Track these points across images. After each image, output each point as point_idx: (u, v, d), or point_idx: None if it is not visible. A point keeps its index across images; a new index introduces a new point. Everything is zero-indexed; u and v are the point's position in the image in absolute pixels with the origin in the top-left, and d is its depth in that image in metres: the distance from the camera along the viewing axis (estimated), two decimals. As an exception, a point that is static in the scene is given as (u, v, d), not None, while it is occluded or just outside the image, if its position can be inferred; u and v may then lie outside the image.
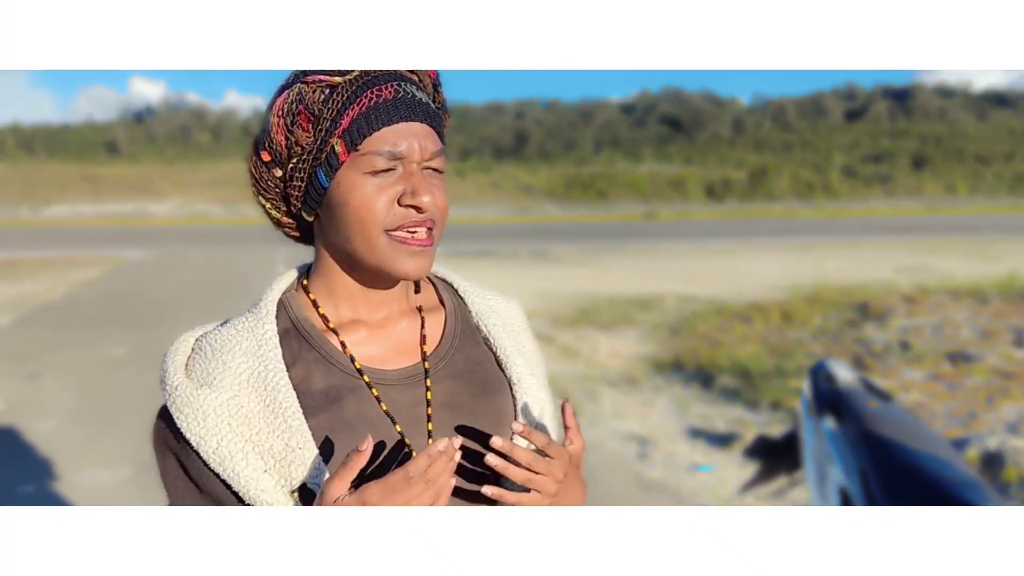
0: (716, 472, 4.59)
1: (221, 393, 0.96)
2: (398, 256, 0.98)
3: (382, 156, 0.96)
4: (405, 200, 0.96)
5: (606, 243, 21.09)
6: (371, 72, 0.99)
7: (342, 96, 0.97)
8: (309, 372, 1.00)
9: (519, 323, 1.18)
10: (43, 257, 17.51)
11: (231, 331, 1.01)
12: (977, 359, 7.08)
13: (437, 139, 1.00)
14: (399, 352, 1.05)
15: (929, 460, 2.21)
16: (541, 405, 1.10)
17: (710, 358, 7.36)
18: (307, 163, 1.00)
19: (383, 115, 0.96)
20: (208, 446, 0.95)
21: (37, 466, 4.76)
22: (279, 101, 1.00)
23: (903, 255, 17.10)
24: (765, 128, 62.53)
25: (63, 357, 7.70)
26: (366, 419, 0.99)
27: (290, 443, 0.95)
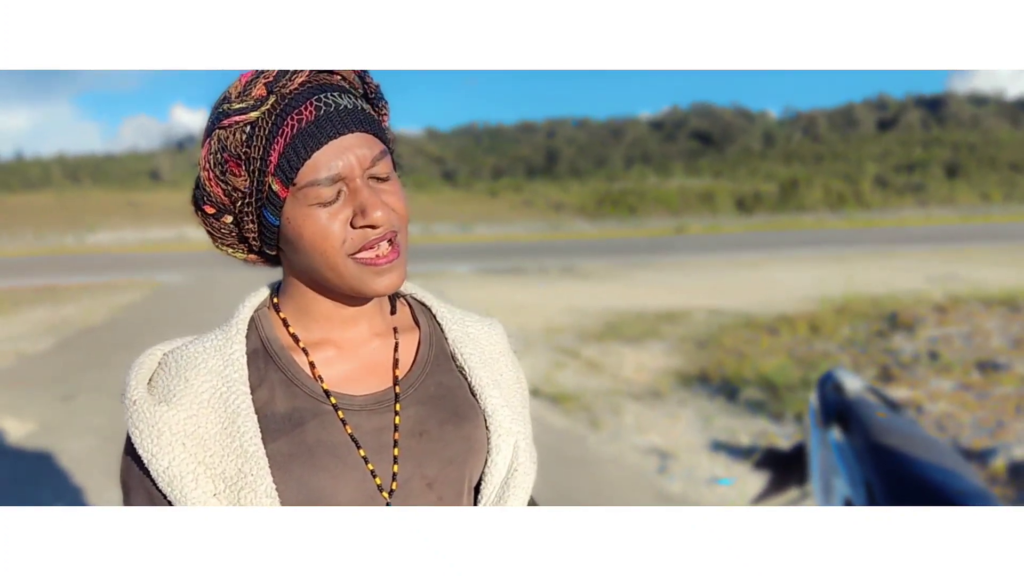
0: (736, 485, 4.58)
1: (179, 411, 0.94)
2: (367, 278, 0.95)
3: (322, 185, 0.92)
4: (357, 222, 0.93)
5: (636, 258, 21.02)
6: (286, 94, 0.94)
7: (264, 130, 0.93)
8: (273, 394, 0.97)
9: (499, 349, 1.14)
10: (86, 282, 17.77)
11: (199, 348, 0.99)
12: (1007, 368, 6.98)
13: (375, 142, 0.96)
14: (369, 374, 1.03)
15: (936, 471, 2.17)
16: (515, 437, 1.07)
17: (736, 371, 7.32)
18: (251, 205, 0.97)
19: (309, 140, 0.92)
20: (159, 464, 0.92)
21: (64, 485, 4.83)
22: (203, 152, 0.97)
23: (935, 264, 16.85)
24: (795, 140, 62.03)
25: (98, 379, 7.79)
26: (328, 444, 0.96)
27: (243, 468, 0.92)
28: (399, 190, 0.98)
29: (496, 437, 1.05)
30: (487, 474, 1.05)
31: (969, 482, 2.19)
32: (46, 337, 10.44)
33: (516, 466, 1.07)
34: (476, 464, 1.05)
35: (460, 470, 1.03)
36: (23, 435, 5.91)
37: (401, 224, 0.97)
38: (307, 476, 0.94)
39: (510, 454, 1.07)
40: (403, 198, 0.98)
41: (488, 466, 1.05)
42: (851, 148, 57.28)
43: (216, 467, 0.92)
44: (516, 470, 1.07)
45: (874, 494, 2.19)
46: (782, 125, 67.84)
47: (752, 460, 4.78)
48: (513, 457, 1.07)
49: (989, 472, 4.70)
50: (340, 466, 0.95)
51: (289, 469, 0.93)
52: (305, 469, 0.94)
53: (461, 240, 6.14)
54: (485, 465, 1.06)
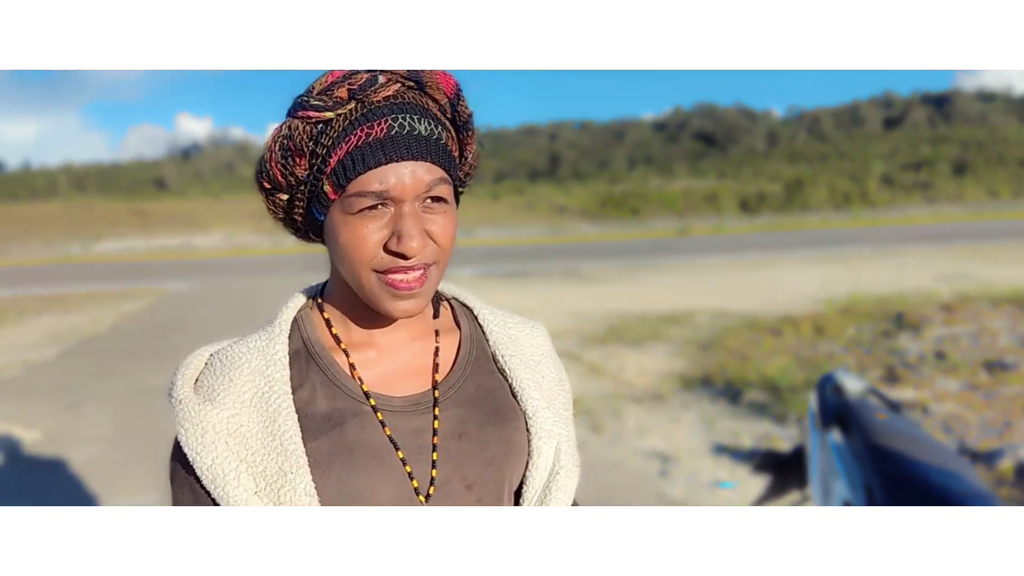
0: (738, 489, 4.54)
1: (223, 410, 0.96)
2: (384, 297, 0.96)
3: (368, 198, 0.93)
4: (391, 245, 0.93)
5: (639, 260, 20.98)
6: (369, 103, 0.94)
7: (333, 132, 0.94)
8: (314, 394, 0.99)
9: (541, 351, 1.15)
10: (91, 291, 17.83)
11: (243, 348, 1.01)
12: (1015, 368, 6.91)
13: (437, 171, 0.95)
14: (409, 376, 1.04)
15: (936, 473, 2.13)
16: (557, 440, 1.07)
17: (739, 373, 7.27)
18: (303, 195, 0.99)
19: (370, 156, 0.92)
20: (203, 462, 0.94)
21: (68, 494, 4.81)
22: (274, 133, 0.99)
23: (943, 263, 16.77)
24: (800, 140, 61.89)
25: (103, 387, 7.79)
26: (367, 445, 0.97)
27: (283, 467, 0.93)
28: (449, 221, 0.97)
29: (537, 439, 1.05)
30: (528, 477, 1.05)
31: (970, 483, 2.15)
32: (52, 346, 10.46)
33: (558, 468, 1.06)
34: (516, 466, 1.05)
35: (500, 472, 1.02)
36: (29, 443, 5.90)
37: (439, 256, 0.97)
38: (346, 476, 0.95)
39: (552, 456, 1.06)
40: (451, 229, 0.97)
41: (529, 468, 1.05)
42: (857, 147, 57.12)
43: (257, 465, 0.94)
44: (558, 473, 1.06)
45: (873, 496, 2.16)
46: (786, 124, 67.71)
47: (753, 463, 4.74)
48: (555, 460, 1.07)
49: (996, 473, 4.64)
50: (379, 467, 0.96)
51: (329, 468, 0.95)
52: (344, 469, 0.95)
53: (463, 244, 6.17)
54: (527, 468, 1.06)
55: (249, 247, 36.73)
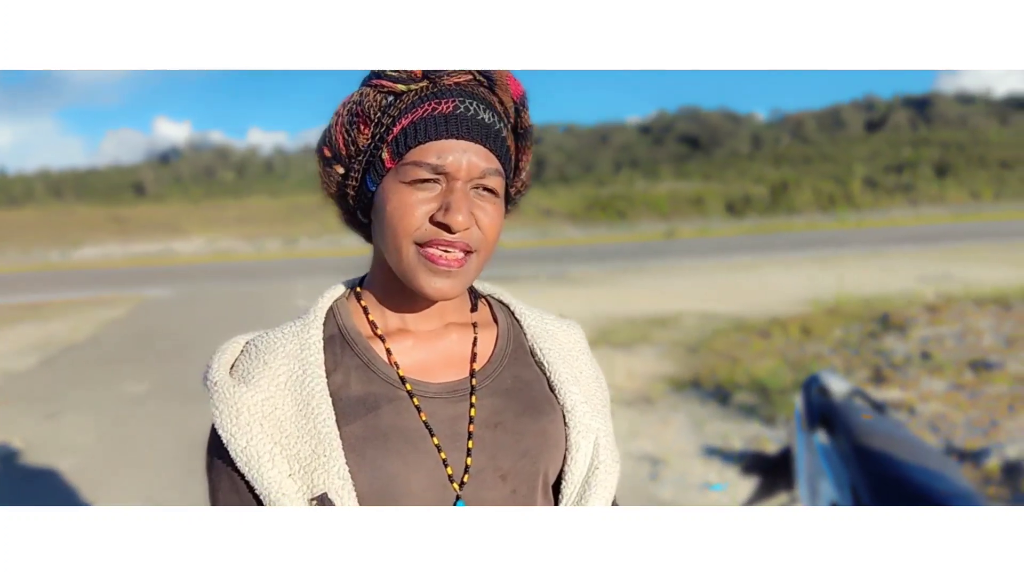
0: (728, 490, 4.52)
1: (257, 393, 0.96)
2: (421, 272, 0.96)
3: (424, 169, 0.94)
4: (437, 216, 0.94)
5: (626, 263, 21.00)
6: (441, 84, 0.97)
7: (402, 105, 0.96)
8: (348, 379, 0.99)
9: (578, 348, 1.15)
10: (70, 299, 17.67)
11: (278, 334, 1.02)
12: (1000, 367, 6.94)
13: (493, 159, 0.97)
14: (445, 365, 1.04)
15: (921, 472, 2.15)
16: (595, 435, 1.07)
17: (728, 375, 7.28)
18: (361, 165, 1.00)
19: (432, 128, 0.94)
20: (237, 444, 0.94)
21: (50, 504, 4.78)
22: (345, 100, 1.00)
23: (927, 264, 16.86)
24: (784, 142, 62.18)
25: (83, 396, 7.74)
26: (401, 430, 0.97)
27: (317, 449, 0.93)
28: (497, 214, 0.98)
29: (576, 434, 1.05)
30: (567, 472, 1.04)
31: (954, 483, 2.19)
32: (31, 354, 10.38)
33: (597, 464, 1.05)
34: (552, 459, 1.04)
35: (535, 464, 1.02)
36: (7, 454, 5.84)
37: (482, 244, 0.98)
38: (380, 460, 0.94)
39: (590, 451, 1.05)
40: (498, 222, 0.99)
41: (568, 463, 1.04)
42: (839, 149, 57.43)
43: (291, 448, 0.93)
44: (597, 468, 1.05)
45: (859, 497, 2.18)
46: (770, 127, 68.04)
47: (741, 465, 4.73)
48: (594, 455, 1.06)
49: (983, 472, 4.65)
50: (413, 452, 0.96)
51: (363, 452, 0.94)
52: (378, 453, 0.95)
53: None
54: (565, 462, 1.05)
55: (230, 253, 36.56)
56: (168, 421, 6.64)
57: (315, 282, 20.05)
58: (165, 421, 6.64)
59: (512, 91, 1.00)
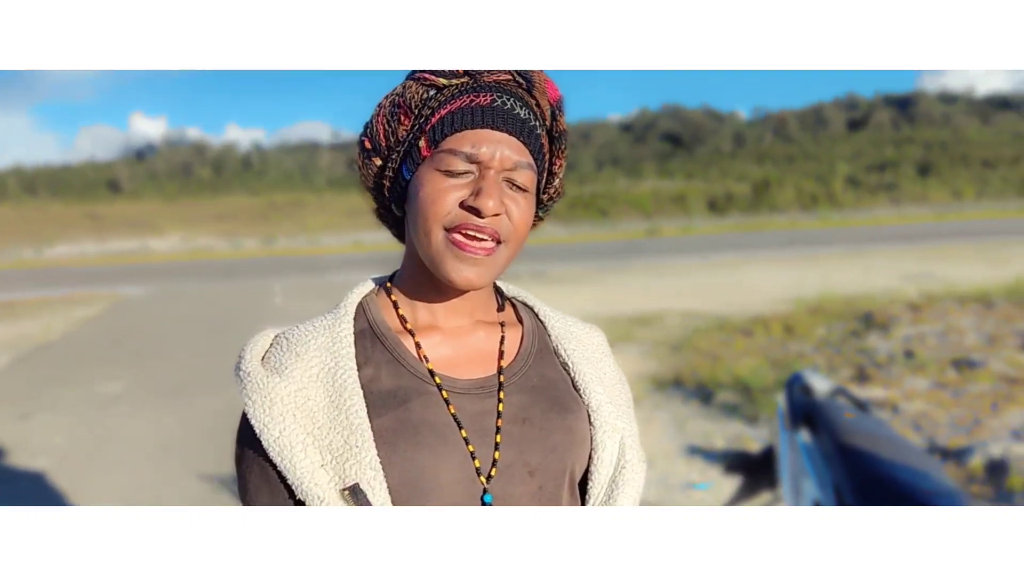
0: (712, 490, 4.47)
1: (290, 383, 0.97)
2: (448, 259, 0.97)
3: (458, 157, 0.96)
4: (467, 201, 0.96)
5: (608, 261, 20.99)
6: (481, 80, 0.99)
7: (442, 97, 0.99)
8: (379, 372, 1.00)
9: (601, 350, 1.16)
10: (43, 297, 17.50)
11: (309, 328, 1.03)
12: (982, 365, 6.94)
13: (526, 153, 0.99)
14: (472, 361, 1.05)
15: (904, 471, 2.13)
16: (621, 435, 1.07)
17: (710, 374, 7.25)
18: (398, 155, 1.02)
19: (468, 117, 0.97)
20: (270, 434, 0.95)
21: (21, 504, 4.68)
22: (388, 93, 1.03)
23: (909, 263, 16.94)
24: (766, 141, 62.46)
25: (57, 396, 7.65)
26: (431, 424, 0.98)
27: (349, 440, 0.94)
28: (528, 208, 1.00)
29: (601, 433, 1.06)
30: (594, 471, 1.05)
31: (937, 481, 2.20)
32: (3, 354, 10.27)
33: (624, 463, 1.07)
34: (579, 457, 1.05)
35: (562, 460, 1.03)
36: (-21, 456, 5.75)
37: (512, 236, 0.99)
38: (411, 452, 0.95)
39: (616, 451, 1.07)
40: (527, 217, 1.00)
41: (594, 463, 1.05)
42: (822, 148, 57.77)
43: (324, 439, 0.95)
44: (624, 467, 1.07)
45: (842, 496, 2.17)
46: (752, 126, 68.30)
47: (724, 465, 4.68)
48: (620, 454, 1.07)
49: (967, 471, 4.63)
50: (443, 445, 0.97)
51: (394, 444, 0.95)
52: (409, 445, 0.96)
53: None
54: (591, 462, 1.06)
55: (207, 251, 36.31)
56: (143, 421, 6.56)
57: (293, 281, 20.00)
58: (140, 421, 6.56)
59: (549, 94, 1.03)
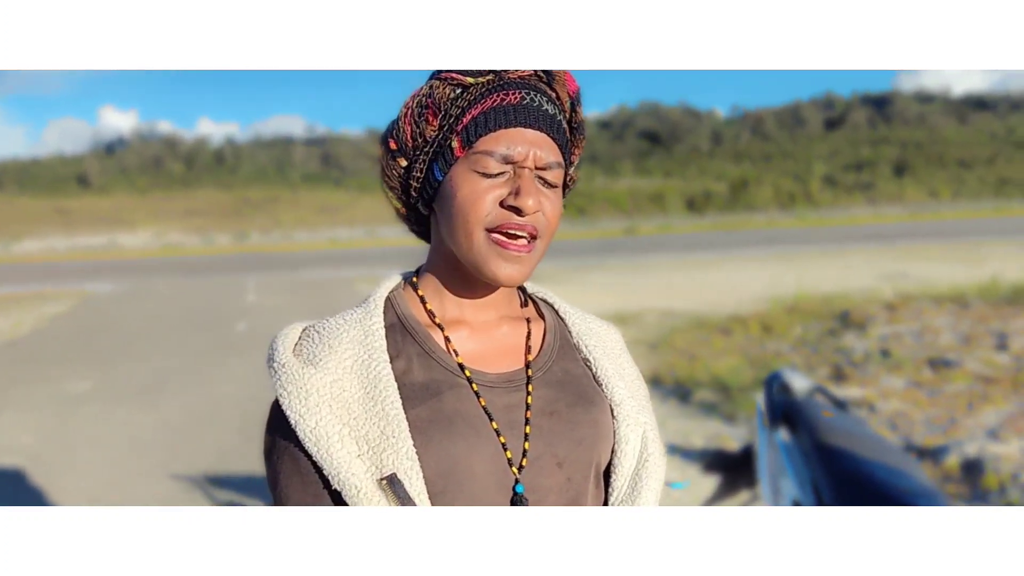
0: (690, 489, 4.44)
1: (326, 375, 0.97)
2: (492, 258, 0.99)
3: (494, 158, 0.97)
4: (508, 201, 0.98)
5: (586, 260, 20.99)
6: (506, 77, 1.01)
7: (471, 96, 1.00)
8: (411, 365, 1.01)
9: (619, 347, 1.18)
10: (11, 293, 17.30)
11: (340, 321, 1.03)
12: (958, 365, 6.96)
13: (556, 151, 1.01)
14: (499, 355, 1.06)
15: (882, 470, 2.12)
16: (643, 428, 1.09)
17: (688, 373, 7.24)
18: (427, 155, 1.02)
19: (502, 117, 0.98)
20: (306, 424, 0.95)
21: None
22: (414, 93, 1.03)
23: (886, 262, 17.06)
24: (744, 139, 62.75)
25: (24, 394, 7.55)
26: (464, 415, 0.99)
27: (385, 431, 0.95)
28: (559, 203, 1.03)
29: (624, 427, 1.07)
30: (617, 465, 1.07)
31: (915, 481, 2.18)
32: (-29, 352, 10.06)
33: (647, 456, 1.08)
34: (604, 449, 1.06)
35: (589, 453, 1.04)
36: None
37: (546, 231, 1.01)
38: (446, 443, 0.96)
39: (639, 444, 1.08)
40: (559, 211, 1.03)
41: (618, 456, 1.07)
42: (799, 147, 58.15)
43: (360, 429, 0.96)
44: (647, 460, 1.08)
45: (821, 494, 2.17)
46: (730, 124, 68.61)
47: (703, 464, 4.66)
48: (642, 447, 1.08)
49: (943, 470, 4.63)
50: (476, 437, 0.98)
51: (429, 435, 0.96)
52: (444, 436, 0.96)
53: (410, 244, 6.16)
54: (614, 455, 1.07)
55: (178, 246, 35.98)
56: (112, 420, 6.47)
57: (266, 278, 19.86)
58: (109, 420, 6.47)
59: (569, 87, 1.05)
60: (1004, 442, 4.90)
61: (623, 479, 1.07)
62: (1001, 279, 11.67)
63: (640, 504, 1.05)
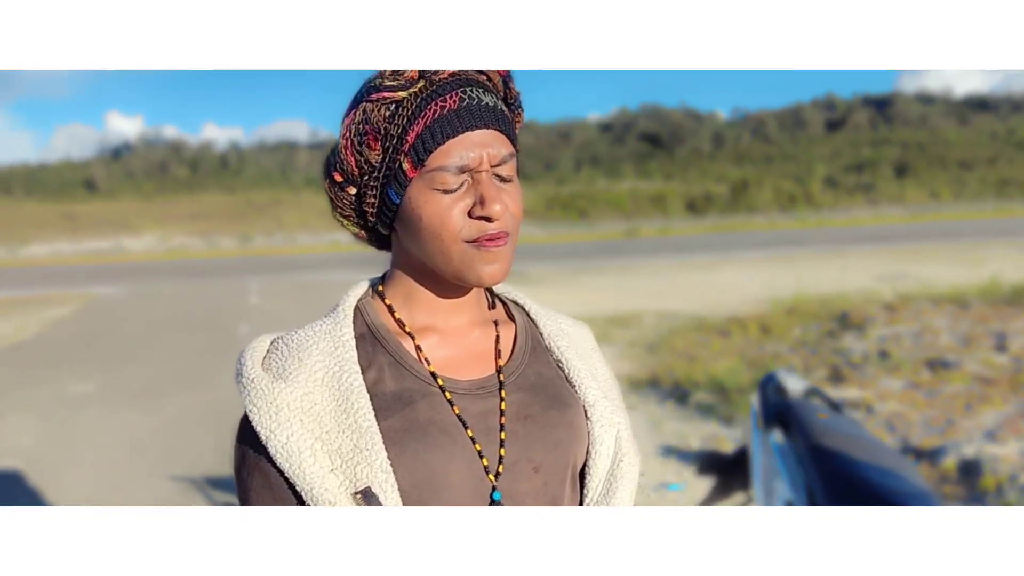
0: (686, 490, 4.47)
1: (296, 388, 0.96)
2: (475, 263, 0.98)
3: (449, 172, 0.96)
4: (476, 211, 0.97)
5: (587, 262, 20.99)
6: (436, 81, 0.98)
7: (407, 111, 0.98)
8: (382, 375, 1.00)
9: (590, 346, 1.18)
10: (16, 296, 17.28)
11: (309, 333, 1.02)
12: (956, 366, 6.98)
13: (507, 143, 1.00)
14: (471, 361, 1.05)
15: (876, 472, 2.12)
16: (617, 428, 1.08)
17: (687, 374, 7.26)
18: (378, 180, 1.01)
19: (447, 128, 0.96)
20: (277, 440, 0.94)
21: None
22: (347, 121, 1.01)
23: (886, 263, 17.06)
24: (745, 141, 62.68)
25: (27, 396, 7.58)
26: (439, 424, 0.98)
27: (359, 444, 0.94)
28: (518, 194, 1.02)
29: (599, 428, 1.07)
30: (592, 466, 1.06)
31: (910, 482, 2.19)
32: (-26, 355, 10.08)
33: (621, 457, 1.08)
34: (580, 451, 1.06)
35: (565, 456, 1.04)
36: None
37: (515, 224, 1.01)
38: (421, 452, 0.96)
39: (613, 445, 1.08)
40: (520, 203, 1.02)
41: (592, 457, 1.06)
42: (800, 149, 58.07)
43: (332, 443, 0.94)
44: (622, 461, 1.08)
45: (814, 497, 2.16)
46: (731, 126, 68.53)
47: (697, 465, 4.68)
48: (617, 448, 1.08)
49: (940, 471, 4.65)
50: (451, 445, 0.97)
51: (403, 445, 0.95)
52: (419, 445, 0.96)
53: None
54: (588, 456, 1.07)
55: (183, 249, 35.98)
56: (113, 423, 6.49)
57: (270, 281, 19.85)
58: (110, 423, 6.49)
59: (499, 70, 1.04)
60: (1002, 443, 4.92)
61: (597, 480, 1.07)
62: (1001, 280, 11.68)
63: (614, 505, 1.05)
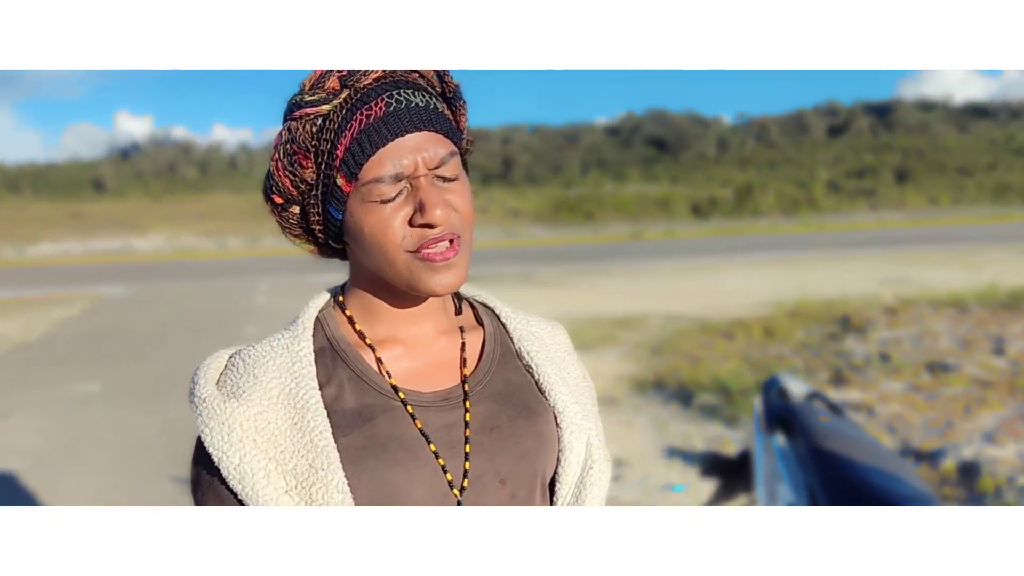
0: (690, 492, 4.53)
1: (249, 408, 0.93)
2: (423, 275, 0.95)
3: (384, 182, 0.93)
4: (416, 220, 0.93)
5: (592, 264, 21.01)
6: (360, 89, 0.94)
7: (334, 124, 0.94)
8: (342, 391, 0.97)
9: (564, 349, 1.14)
10: (24, 296, 17.31)
11: (266, 348, 0.99)
12: (956, 369, 7.05)
13: (445, 142, 0.96)
14: (436, 371, 1.02)
15: (877, 475, 2.17)
16: (587, 435, 1.06)
17: (691, 376, 7.32)
18: (317, 198, 0.98)
19: (375, 137, 0.92)
20: (230, 462, 0.91)
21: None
22: (275, 142, 0.98)
23: (886, 267, 17.08)
24: (749, 146, 62.65)
25: (33, 396, 7.62)
26: (400, 439, 0.95)
27: (314, 463, 0.91)
28: (465, 191, 0.98)
29: (568, 435, 1.04)
30: (561, 473, 1.04)
31: (910, 485, 2.23)
32: (-20, 355, 10.14)
33: (591, 464, 1.05)
34: (549, 461, 1.04)
35: (533, 466, 1.01)
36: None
37: (464, 226, 0.97)
38: (380, 470, 0.93)
39: (583, 451, 1.05)
40: (469, 199, 0.98)
41: (562, 464, 1.04)
42: (803, 154, 58.02)
43: (287, 463, 0.92)
44: (591, 468, 1.05)
45: (816, 499, 2.19)
46: (735, 131, 68.45)
47: (700, 467, 4.74)
48: (587, 455, 1.05)
49: (939, 473, 4.71)
50: (412, 461, 0.95)
51: (362, 463, 0.93)
52: (378, 463, 0.93)
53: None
54: (559, 463, 1.04)
55: (191, 250, 35.99)
56: (119, 423, 6.54)
57: (278, 281, 19.87)
58: (116, 423, 6.55)
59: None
60: (1000, 445, 4.99)
61: (567, 487, 1.04)
62: (999, 284, 11.74)
63: None
